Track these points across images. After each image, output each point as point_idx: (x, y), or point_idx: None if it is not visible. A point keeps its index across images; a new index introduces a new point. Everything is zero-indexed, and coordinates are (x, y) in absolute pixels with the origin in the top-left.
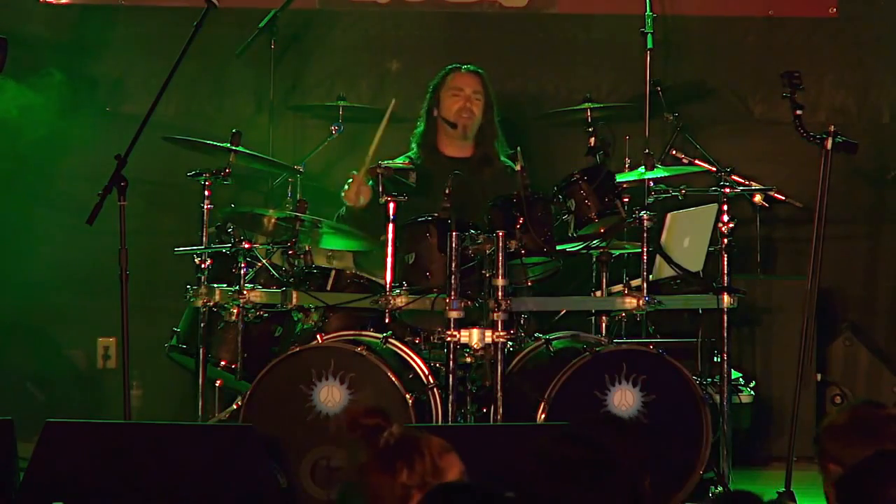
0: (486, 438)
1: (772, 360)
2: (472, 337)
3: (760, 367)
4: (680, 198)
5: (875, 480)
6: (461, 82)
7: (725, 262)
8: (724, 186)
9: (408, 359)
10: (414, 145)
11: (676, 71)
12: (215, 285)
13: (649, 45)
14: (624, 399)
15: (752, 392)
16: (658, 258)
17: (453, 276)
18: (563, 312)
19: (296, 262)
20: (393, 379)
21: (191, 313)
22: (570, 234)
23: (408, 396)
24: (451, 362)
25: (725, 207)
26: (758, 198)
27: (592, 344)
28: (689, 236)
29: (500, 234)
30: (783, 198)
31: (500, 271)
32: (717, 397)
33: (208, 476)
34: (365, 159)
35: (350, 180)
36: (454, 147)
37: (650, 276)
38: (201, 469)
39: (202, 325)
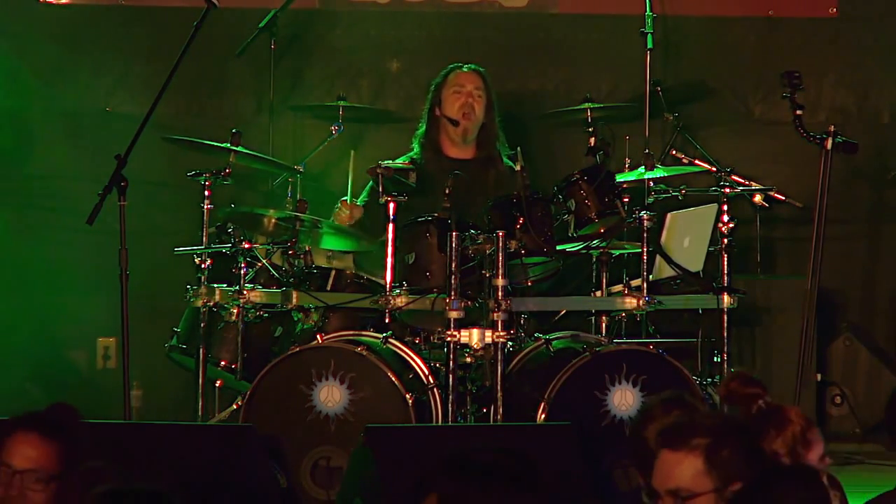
0: (486, 438)
1: (772, 360)
2: (472, 337)
3: (760, 367)
4: (680, 198)
5: (766, 498)
6: (463, 80)
7: (725, 262)
8: (724, 186)
9: (408, 359)
10: (416, 145)
11: (676, 71)
12: (215, 285)
13: (649, 45)
14: (624, 399)
15: None
16: (658, 258)
17: (453, 276)
18: (563, 312)
19: (296, 262)
20: (393, 379)
21: (191, 313)
22: (570, 234)
23: (408, 396)
24: (451, 362)
25: (725, 207)
26: (758, 198)
27: (592, 344)
28: (689, 236)
29: (500, 234)
30: (783, 198)
31: (500, 271)
32: (717, 397)
33: (208, 476)
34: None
35: (338, 206)
36: (456, 148)
37: (650, 276)
38: (201, 469)
39: (202, 325)
